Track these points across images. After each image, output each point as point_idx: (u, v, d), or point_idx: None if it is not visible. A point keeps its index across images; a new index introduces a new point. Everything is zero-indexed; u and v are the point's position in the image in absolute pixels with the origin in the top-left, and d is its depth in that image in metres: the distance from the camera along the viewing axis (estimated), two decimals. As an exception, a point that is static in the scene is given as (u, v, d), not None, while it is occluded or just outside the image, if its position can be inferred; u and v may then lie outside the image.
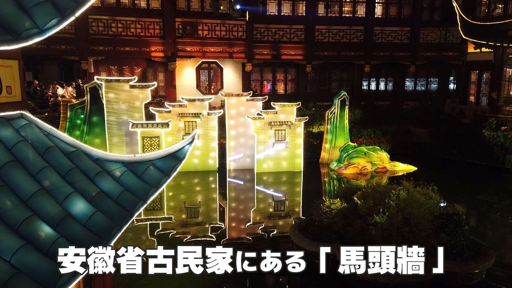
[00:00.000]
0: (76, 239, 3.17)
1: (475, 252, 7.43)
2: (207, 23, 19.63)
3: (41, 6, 3.36)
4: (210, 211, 11.81)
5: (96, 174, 3.83)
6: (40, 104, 18.43)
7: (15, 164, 3.34)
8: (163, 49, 19.12)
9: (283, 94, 22.10)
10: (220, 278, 7.79)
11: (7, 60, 3.61)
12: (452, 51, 21.96)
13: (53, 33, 3.48)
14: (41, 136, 3.77)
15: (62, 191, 3.45)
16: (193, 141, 4.52)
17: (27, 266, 2.76)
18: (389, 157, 15.58)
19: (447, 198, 12.12)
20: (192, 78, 20.82)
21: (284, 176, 14.75)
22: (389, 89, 23.54)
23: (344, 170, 14.82)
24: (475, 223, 11.11)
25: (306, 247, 7.91)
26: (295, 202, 12.73)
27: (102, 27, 18.50)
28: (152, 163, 4.20)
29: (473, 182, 15.08)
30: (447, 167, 16.73)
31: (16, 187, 3.22)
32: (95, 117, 14.22)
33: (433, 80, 23.71)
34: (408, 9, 22.18)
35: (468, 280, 7.19)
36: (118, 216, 3.61)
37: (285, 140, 14.83)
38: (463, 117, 19.01)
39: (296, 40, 20.97)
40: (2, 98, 3.59)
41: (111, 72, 19.91)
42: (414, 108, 21.50)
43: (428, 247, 6.94)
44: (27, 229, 2.98)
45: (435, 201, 7.71)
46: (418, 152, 18.27)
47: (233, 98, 15.21)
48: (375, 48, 21.61)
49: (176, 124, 14.42)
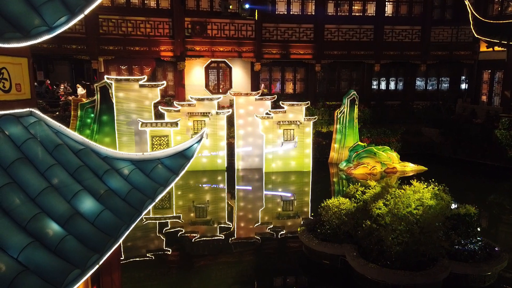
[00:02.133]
0: (84, 237, 3.16)
1: (488, 254, 7.30)
2: (216, 23, 19.66)
3: (50, 3, 3.36)
4: (219, 210, 11.80)
5: (104, 172, 3.82)
6: (51, 103, 18.62)
7: (24, 161, 3.35)
8: (172, 48, 19.18)
9: (292, 94, 22.03)
10: (229, 278, 7.78)
11: (16, 57, 3.61)
12: (464, 50, 21.67)
13: (64, 33, 3.49)
14: (50, 133, 3.78)
15: (70, 188, 3.44)
16: (202, 140, 4.49)
17: (34, 263, 2.75)
18: (399, 157, 15.42)
19: (458, 199, 11.92)
20: (201, 77, 20.86)
21: (292, 176, 14.68)
22: (399, 89, 23.31)
23: (354, 170, 14.70)
24: (488, 225, 10.92)
25: (314, 247, 7.85)
26: (303, 202, 12.65)
27: (112, 27, 18.63)
28: (161, 161, 4.18)
29: (485, 183, 14.84)
30: (458, 168, 16.49)
31: (24, 184, 3.22)
32: (105, 116, 14.32)
33: (444, 80, 23.42)
34: (419, 8, 21.95)
35: (480, 282, 7.07)
36: (126, 214, 3.59)
37: (293, 139, 14.76)
38: (475, 117, 18.73)
39: (305, 39, 20.88)
40: (11, 95, 3.60)
41: (121, 72, 20.03)
42: (425, 107, 21.25)
43: (439, 249, 6.85)
44: (35, 226, 2.98)
45: (446, 202, 7.59)
46: (428, 152, 18.04)
47: (242, 97, 15.18)
48: (385, 47, 21.41)
49: (185, 123, 14.45)
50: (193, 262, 8.48)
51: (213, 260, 8.58)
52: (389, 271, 6.64)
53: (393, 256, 6.82)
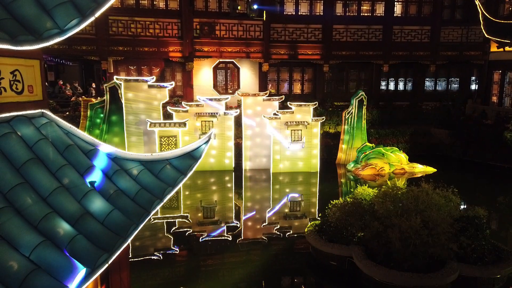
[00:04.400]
0: (94, 236, 3.22)
1: (497, 257, 7.23)
2: (224, 23, 19.70)
3: (62, 6, 3.42)
4: (226, 210, 11.84)
5: (114, 173, 3.88)
6: (62, 103, 18.85)
7: (36, 161, 3.41)
8: (181, 49, 19.28)
9: (300, 94, 21.98)
10: (235, 278, 7.82)
11: (28, 59, 3.68)
12: (474, 50, 21.43)
13: (74, 34, 3.54)
14: (61, 134, 3.84)
15: (80, 188, 3.50)
16: (209, 141, 4.53)
17: (45, 262, 2.81)
18: (408, 158, 15.32)
19: (467, 200, 11.84)
20: (209, 78, 20.93)
21: (300, 177, 14.67)
22: (408, 89, 23.14)
23: (361, 171, 14.64)
24: (497, 227, 10.81)
25: (322, 248, 7.85)
26: (311, 203, 12.64)
27: (121, 28, 18.79)
28: (169, 162, 4.22)
29: (495, 185, 14.68)
30: (467, 169, 16.34)
31: (36, 184, 3.28)
32: (114, 116, 14.46)
33: (454, 80, 23.19)
34: (428, 8, 21.76)
35: (489, 285, 7.01)
36: (135, 214, 3.64)
37: (301, 140, 14.75)
38: (485, 118, 18.52)
39: (314, 40, 20.83)
40: (23, 97, 3.67)
41: (130, 72, 20.19)
42: (434, 108, 21.04)
43: (448, 251, 6.81)
44: (46, 225, 3.04)
45: (455, 204, 7.54)
46: (438, 154, 17.90)
47: (250, 98, 15.22)
48: (394, 48, 21.26)
49: (193, 124, 14.53)
50: (200, 261, 8.53)
51: (220, 259, 8.62)
52: (396, 273, 6.61)
53: (401, 258, 6.79)
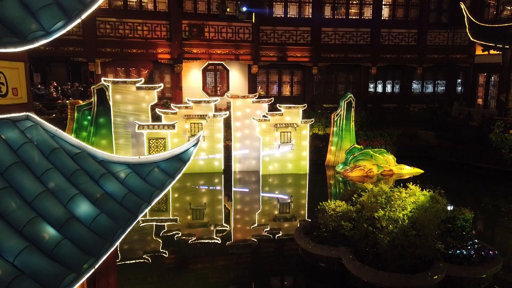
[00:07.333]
0: (80, 240, 3.17)
1: (483, 257, 7.35)
2: (213, 25, 19.70)
3: (47, 8, 3.38)
4: (215, 213, 11.80)
5: (100, 176, 3.83)
6: (48, 105, 18.58)
7: (20, 165, 3.36)
8: (169, 51, 19.20)
9: (289, 96, 22.09)
10: (225, 280, 7.79)
11: (13, 62, 3.63)
12: (460, 53, 21.81)
13: (61, 35, 3.50)
14: (47, 137, 3.79)
15: (66, 192, 3.45)
16: (198, 143, 4.51)
17: (30, 267, 2.77)
18: (396, 160, 15.48)
19: (454, 201, 12.01)
20: (198, 80, 20.89)
21: (289, 178, 14.71)
22: (396, 92, 23.43)
23: (350, 173, 14.75)
24: (483, 227, 10.98)
25: (311, 250, 7.87)
26: (300, 205, 12.68)
27: (109, 29, 18.64)
28: (157, 165, 4.19)
29: (481, 186, 14.92)
30: (454, 170, 16.57)
31: (21, 189, 3.23)
32: (102, 118, 14.30)
33: (441, 83, 23.56)
34: (415, 11, 22.08)
35: (475, 285, 7.11)
36: (122, 218, 3.61)
37: (290, 142, 14.80)
38: (471, 120, 18.84)
39: (303, 42, 20.96)
40: (8, 100, 3.61)
41: (118, 74, 20.03)
42: (421, 110, 21.34)
43: (435, 252, 6.89)
44: (31, 230, 2.99)
45: (442, 205, 7.63)
46: (425, 155, 18.12)
47: (239, 100, 15.21)
48: (381, 50, 21.53)
49: (182, 126, 14.46)
50: (189, 264, 8.48)
51: (209, 262, 8.59)
52: (385, 274, 6.67)
53: (389, 259, 6.85)
